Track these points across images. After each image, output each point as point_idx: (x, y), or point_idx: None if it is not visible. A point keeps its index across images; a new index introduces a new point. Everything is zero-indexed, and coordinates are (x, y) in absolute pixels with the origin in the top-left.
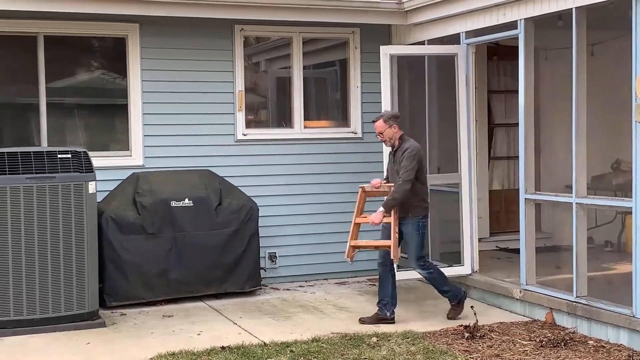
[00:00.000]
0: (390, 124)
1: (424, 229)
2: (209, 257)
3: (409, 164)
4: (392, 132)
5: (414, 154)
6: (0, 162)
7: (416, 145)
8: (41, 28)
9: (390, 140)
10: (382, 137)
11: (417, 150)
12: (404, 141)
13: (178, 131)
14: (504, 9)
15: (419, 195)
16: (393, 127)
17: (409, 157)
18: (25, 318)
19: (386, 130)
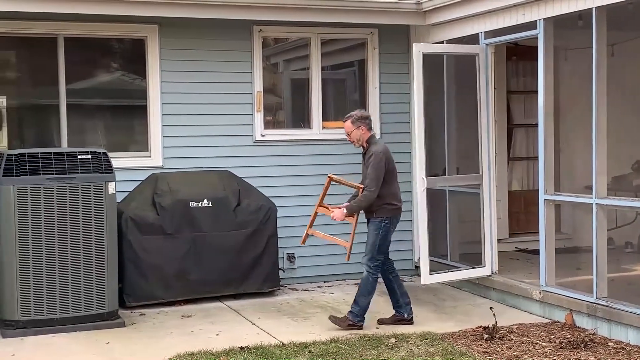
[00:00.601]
0: (358, 125)
1: (385, 231)
2: (227, 258)
3: (374, 173)
4: (360, 133)
5: (378, 161)
6: (21, 162)
7: (381, 149)
8: (61, 30)
9: (358, 141)
10: (350, 139)
11: (382, 156)
12: (371, 144)
13: (197, 132)
14: (524, 9)
15: (384, 199)
16: (361, 129)
17: (373, 166)
18: (46, 318)
19: (353, 132)
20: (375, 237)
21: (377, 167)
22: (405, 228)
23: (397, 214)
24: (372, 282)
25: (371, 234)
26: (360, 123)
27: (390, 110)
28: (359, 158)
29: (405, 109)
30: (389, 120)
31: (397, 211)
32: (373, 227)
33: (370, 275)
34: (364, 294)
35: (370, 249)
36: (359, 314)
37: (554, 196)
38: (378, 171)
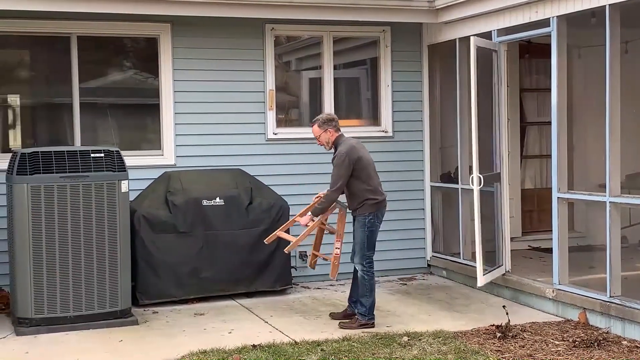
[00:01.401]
0: (325, 128)
1: (371, 226)
2: (240, 256)
3: (336, 172)
4: (328, 136)
5: (340, 162)
6: (35, 161)
7: (345, 149)
8: (74, 28)
9: (327, 144)
10: (319, 142)
11: (345, 157)
12: (338, 145)
13: (209, 130)
14: (537, 7)
15: (363, 195)
16: (328, 132)
17: (336, 165)
18: (60, 316)
19: (322, 135)
20: (362, 233)
21: (339, 167)
22: (417, 226)
23: (381, 207)
24: (369, 280)
25: (358, 232)
26: (327, 126)
27: (402, 109)
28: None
29: (417, 107)
30: (401, 119)
31: (379, 205)
32: (359, 224)
33: (365, 273)
34: (365, 294)
35: (360, 247)
36: (367, 313)
37: (568, 194)
38: (340, 171)
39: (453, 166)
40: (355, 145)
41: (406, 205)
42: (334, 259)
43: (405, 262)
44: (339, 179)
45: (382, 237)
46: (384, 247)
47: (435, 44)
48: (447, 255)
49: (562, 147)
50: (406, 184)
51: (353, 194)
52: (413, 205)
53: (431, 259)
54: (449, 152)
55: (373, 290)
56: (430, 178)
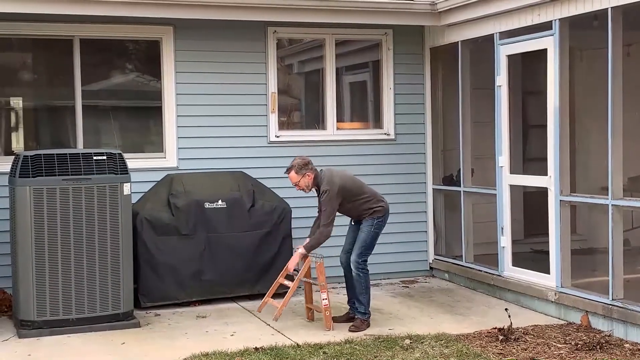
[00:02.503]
0: (303, 174)
1: (377, 228)
2: (242, 259)
3: (326, 209)
4: (307, 180)
5: (329, 197)
6: (37, 163)
7: (328, 185)
8: (77, 31)
9: (307, 187)
10: (298, 188)
11: (330, 192)
12: (320, 183)
13: (211, 133)
14: (539, 10)
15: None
16: (307, 176)
17: (325, 202)
18: (62, 318)
19: (301, 180)
20: (367, 233)
21: (329, 203)
22: (419, 229)
23: (387, 213)
24: (364, 277)
25: (364, 231)
26: (305, 170)
27: (404, 111)
28: (373, 159)
29: (419, 109)
30: (403, 121)
31: (386, 207)
32: (366, 224)
33: (360, 271)
34: (362, 292)
35: (361, 245)
36: (365, 310)
37: (570, 197)
38: (331, 206)
39: (455, 169)
40: (333, 178)
41: (408, 208)
42: (324, 310)
43: (408, 264)
44: (330, 214)
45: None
46: (386, 249)
47: (438, 47)
48: (449, 258)
49: (565, 150)
50: (408, 186)
51: (356, 210)
52: (415, 208)
53: (433, 261)
54: (451, 155)
55: (369, 287)
56: (433, 181)
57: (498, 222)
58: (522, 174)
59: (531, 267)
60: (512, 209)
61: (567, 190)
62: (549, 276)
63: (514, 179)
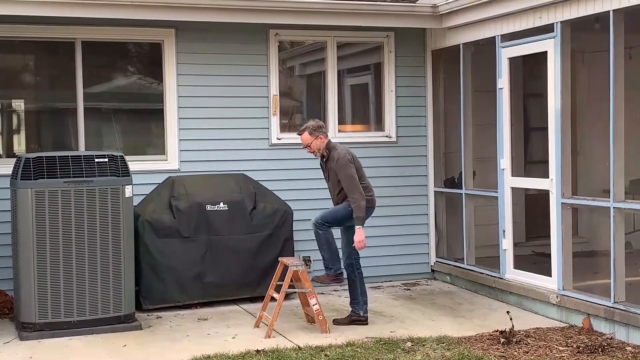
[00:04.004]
0: (317, 135)
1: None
2: (243, 261)
3: (349, 178)
4: (319, 142)
5: (345, 162)
6: (39, 166)
7: (344, 151)
8: (79, 34)
9: (319, 151)
10: (310, 150)
11: (349, 157)
12: (332, 150)
13: (213, 135)
14: (540, 12)
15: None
16: (319, 138)
17: (343, 166)
18: (64, 320)
19: (313, 142)
20: (344, 209)
21: (347, 167)
22: (421, 232)
23: (373, 204)
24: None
25: (343, 206)
26: (318, 132)
27: (406, 114)
28: (374, 161)
29: (421, 112)
30: (405, 124)
31: (373, 201)
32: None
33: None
34: (322, 247)
35: (331, 214)
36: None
37: (571, 200)
38: (350, 171)
39: (457, 171)
40: (347, 149)
41: (410, 211)
42: (316, 315)
43: (409, 267)
44: (355, 181)
45: (385, 242)
46: (387, 252)
47: (439, 49)
48: (450, 260)
49: (566, 153)
50: (410, 189)
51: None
52: (416, 210)
53: (435, 264)
54: (452, 157)
55: (329, 242)
56: (434, 183)
57: (500, 225)
58: (523, 176)
59: (533, 269)
60: (514, 212)
61: (568, 193)
62: (550, 279)
63: (515, 181)
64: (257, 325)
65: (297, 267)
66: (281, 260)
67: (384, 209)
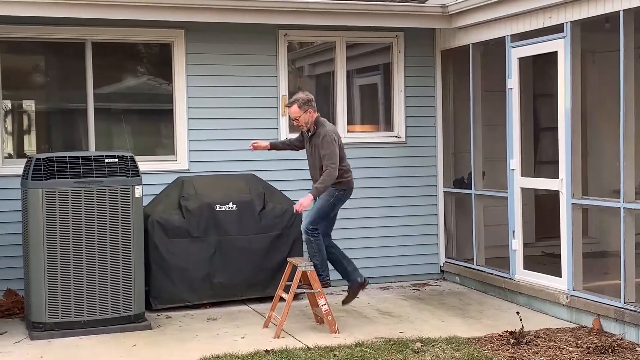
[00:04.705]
0: (306, 109)
1: (336, 200)
2: (252, 261)
3: (330, 149)
4: (308, 117)
5: (331, 139)
6: (49, 166)
7: (331, 128)
8: (89, 35)
9: (307, 125)
10: (297, 123)
11: (334, 135)
12: (319, 126)
13: (222, 135)
14: (550, 12)
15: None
16: (308, 112)
17: (327, 143)
18: (74, 320)
19: (302, 116)
20: (325, 202)
21: (331, 144)
22: (430, 232)
23: (351, 186)
24: (315, 241)
25: (322, 199)
26: (307, 106)
27: (415, 114)
28: (383, 162)
29: (430, 112)
30: (414, 124)
31: (351, 183)
32: (327, 192)
33: (310, 236)
34: (313, 255)
35: (315, 212)
36: (320, 272)
37: (581, 200)
38: (333, 148)
39: (466, 172)
40: (334, 128)
41: (419, 211)
42: (325, 315)
43: (418, 267)
44: (336, 155)
45: (394, 242)
46: (396, 252)
47: (449, 50)
48: (460, 261)
49: (576, 153)
50: (419, 189)
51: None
52: (426, 210)
53: (444, 264)
54: (462, 158)
55: (321, 249)
56: (444, 183)
57: (509, 225)
58: (533, 176)
59: (543, 270)
60: (524, 212)
61: (578, 193)
62: (560, 279)
63: (525, 181)
64: (266, 325)
65: (306, 267)
66: (290, 260)
67: (393, 209)
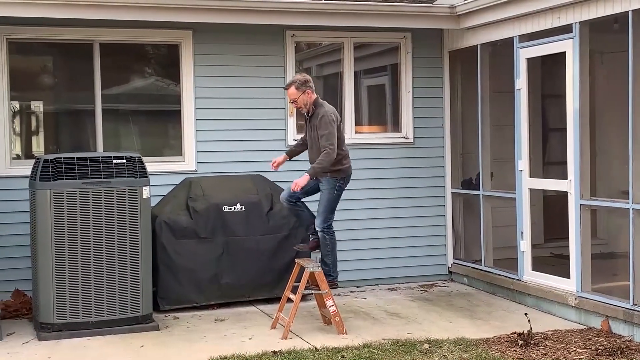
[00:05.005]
0: (304, 90)
1: (339, 191)
2: (260, 262)
3: (329, 130)
4: (306, 98)
5: (330, 120)
6: (57, 167)
7: (330, 109)
8: (97, 36)
9: (306, 106)
10: (296, 105)
11: (333, 116)
12: (318, 106)
13: (230, 136)
14: (559, 12)
15: (336, 161)
16: (306, 93)
17: (326, 123)
18: (82, 321)
19: (300, 97)
20: (329, 195)
21: (329, 125)
22: (438, 233)
23: (349, 173)
24: (330, 239)
25: (325, 193)
26: (305, 87)
27: (423, 115)
28: (391, 163)
29: (438, 113)
30: (422, 125)
31: (349, 170)
32: (327, 185)
33: (326, 234)
34: (327, 253)
35: (324, 209)
36: (331, 271)
37: (590, 201)
38: (332, 129)
39: (474, 172)
40: (333, 110)
41: (427, 212)
42: (333, 316)
43: (426, 268)
44: (334, 137)
45: (402, 243)
46: (404, 253)
47: (456, 50)
48: (468, 262)
49: (585, 154)
50: (427, 190)
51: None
52: (434, 211)
53: (452, 265)
54: (470, 158)
55: (335, 248)
56: (452, 184)
57: (518, 226)
58: (542, 177)
59: (551, 271)
60: (532, 213)
61: (587, 194)
62: (569, 281)
63: (533, 182)
64: (274, 326)
65: (313, 268)
66: (298, 261)
67: (401, 210)
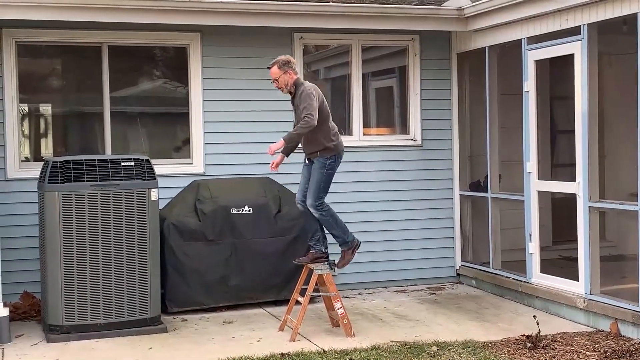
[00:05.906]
0: (285, 70)
1: (330, 169)
2: (268, 264)
3: (307, 102)
4: (287, 78)
5: (309, 92)
6: (66, 169)
7: (310, 85)
8: (105, 38)
9: (286, 86)
10: (277, 84)
11: (312, 90)
12: (299, 86)
13: (238, 139)
14: (567, 14)
15: (324, 138)
16: (288, 73)
17: (305, 96)
18: (90, 323)
19: (281, 77)
20: (320, 175)
21: (309, 97)
22: (446, 235)
23: (341, 151)
24: (327, 215)
25: (316, 172)
26: (287, 67)
27: (431, 117)
28: (399, 165)
29: (446, 115)
30: (430, 127)
31: (340, 147)
32: (318, 165)
33: (321, 212)
34: (332, 227)
35: (315, 188)
36: (347, 239)
37: (598, 203)
38: (312, 101)
39: (482, 175)
40: (315, 87)
41: (435, 214)
42: (341, 318)
43: (434, 271)
44: (311, 107)
45: (410, 245)
46: (412, 255)
47: (465, 52)
48: (476, 264)
49: (594, 156)
50: (435, 192)
51: (315, 137)
52: (442, 214)
53: (460, 268)
54: (478, 161)
55: (336, 217)
56: (460, 186)
57: (526, 229)
58: (550, 179)
59: (559, 273)
60: (540, 215)
61: (595, 197)
62: (577, 283)
63: (542, 185)
64: (282, 328)
65: (322, 270)
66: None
67: (409, 212)
